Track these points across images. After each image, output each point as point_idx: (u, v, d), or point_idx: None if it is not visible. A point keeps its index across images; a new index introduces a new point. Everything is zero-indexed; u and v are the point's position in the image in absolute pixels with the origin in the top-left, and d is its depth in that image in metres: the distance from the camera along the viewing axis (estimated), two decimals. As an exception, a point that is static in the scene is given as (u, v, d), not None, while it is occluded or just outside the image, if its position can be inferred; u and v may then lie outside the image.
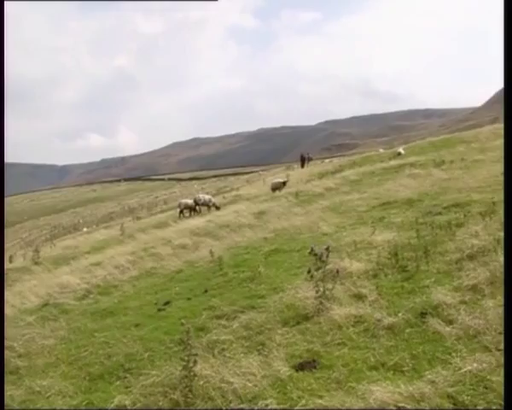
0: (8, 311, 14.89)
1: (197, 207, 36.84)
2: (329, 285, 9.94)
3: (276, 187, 36.75)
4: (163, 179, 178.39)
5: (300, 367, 7.75)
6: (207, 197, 38.54)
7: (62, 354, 10.61)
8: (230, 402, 7.13)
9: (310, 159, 67.78)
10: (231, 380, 7.57)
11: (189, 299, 12.61)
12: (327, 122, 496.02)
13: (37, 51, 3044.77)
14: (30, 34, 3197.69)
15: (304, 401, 6.65)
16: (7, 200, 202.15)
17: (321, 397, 6.69)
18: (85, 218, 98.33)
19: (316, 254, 9.86)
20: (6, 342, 11.76)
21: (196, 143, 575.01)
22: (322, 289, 9.74)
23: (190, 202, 37.96)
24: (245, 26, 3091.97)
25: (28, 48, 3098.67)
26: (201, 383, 7.68)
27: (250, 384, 7.43)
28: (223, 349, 8.92)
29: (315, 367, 7.65)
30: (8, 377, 9.92)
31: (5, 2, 7.61)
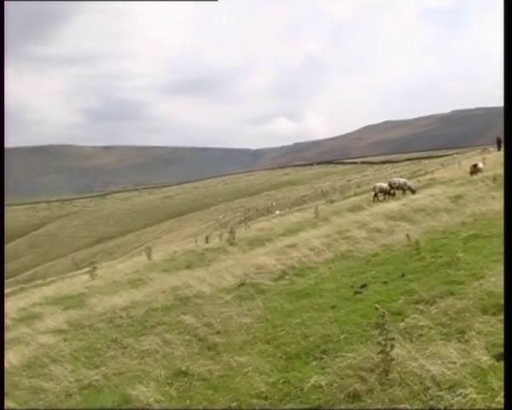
0: (206, 289, 15.43)
1: (392, 191, 36.41)
2: (535, 273, 9.46)
3: (474, 171, 35.58)
4: (355, 163, 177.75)
5: (502, 357, 7.43)
6: (402, 181, 38.01)
7: (259, 332, 10.83)
8: (428, 389, 6.99)
9: (507, 141, 65.01)
10: (429, 367, 7.41)
11: (385, 283, 12.45)
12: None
13: (230, 40, 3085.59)
14: (223, 25, 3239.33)
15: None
16: (203, 183, 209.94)
17: (524, 389, 6.39)
18: (278, 201, 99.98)
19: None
20: (204, 319, 12.20)
21: (388, 125, 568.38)
22: (526, 277, 9.30)
23: (385, 185, 37.53)
24: (435, 6, 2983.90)
25: (221, 37, 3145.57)
26: (398, 368, 7.58)
27: (449, 372, 7.24)
28: (420, 335, 8.76)
29: (517, 358, 7.33)
30: (206, 353, 10.29)
31: (5, 2, 7.79)
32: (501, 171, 30.75)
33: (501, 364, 7.19)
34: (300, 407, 7.49)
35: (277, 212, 66.68)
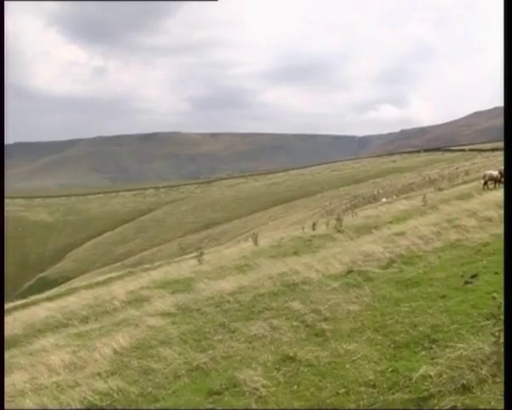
0: (313, 275, 15.40)
1: (502, 179, 35.51)
2: None
3: None
4: (463, 150, 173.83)
5: None
6: (513, 168, 37.01)
7: (367, 320, 10.74)
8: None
9: None
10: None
11: (496, 273, 12.08)
12: None
13: (336, 27, 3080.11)
14: (329, 11, 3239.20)
15: None
16: (309, 170, 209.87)
17: None
18: (385, 188, 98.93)
19: None
20: (312, 306, 12.20)
21: (498, 111, 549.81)
22: None
23: (495, 173, 36.60)
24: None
25: (327, 24, 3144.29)
26: (511, 361, 7.40)
27: None
28: (535, 327, 8.51)
29: None
30: (313, 339, 10.30)
31: (5, 2, 7.77)
32: None
33: None
34: (409, 396, 7.41)
35: (383, 200, 65.97)
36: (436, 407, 6.97)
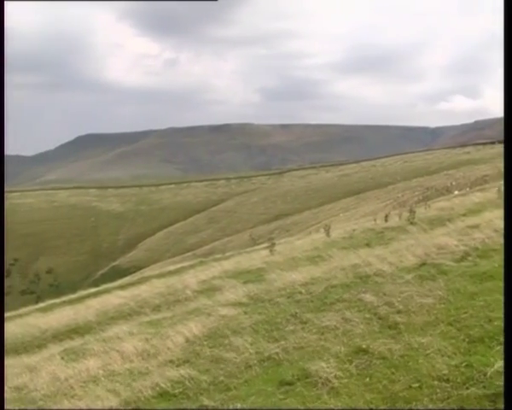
0: (386, 268, 15.23)
1: None
2: None
3: None
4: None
5: None
6: None
7: (441, 313, 10.60)
8: None
9: None
10: None
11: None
12: None
13: (408, 16, 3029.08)
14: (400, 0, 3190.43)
15: None
16: (381, 161, 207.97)
17: None
18: (458, 180, 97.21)
19: None
20: (385, 298, 12.12)
21: None
22: None
23: None
24: None
25: (398, 13, 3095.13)
26: None
27: None
28: None
29: None
30: (387, 332, 10.21)
31: (5, 2, 7.72)
32: None
33: None
34: (483, 392, 7.31)
35: (456, 192, 64.89)
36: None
